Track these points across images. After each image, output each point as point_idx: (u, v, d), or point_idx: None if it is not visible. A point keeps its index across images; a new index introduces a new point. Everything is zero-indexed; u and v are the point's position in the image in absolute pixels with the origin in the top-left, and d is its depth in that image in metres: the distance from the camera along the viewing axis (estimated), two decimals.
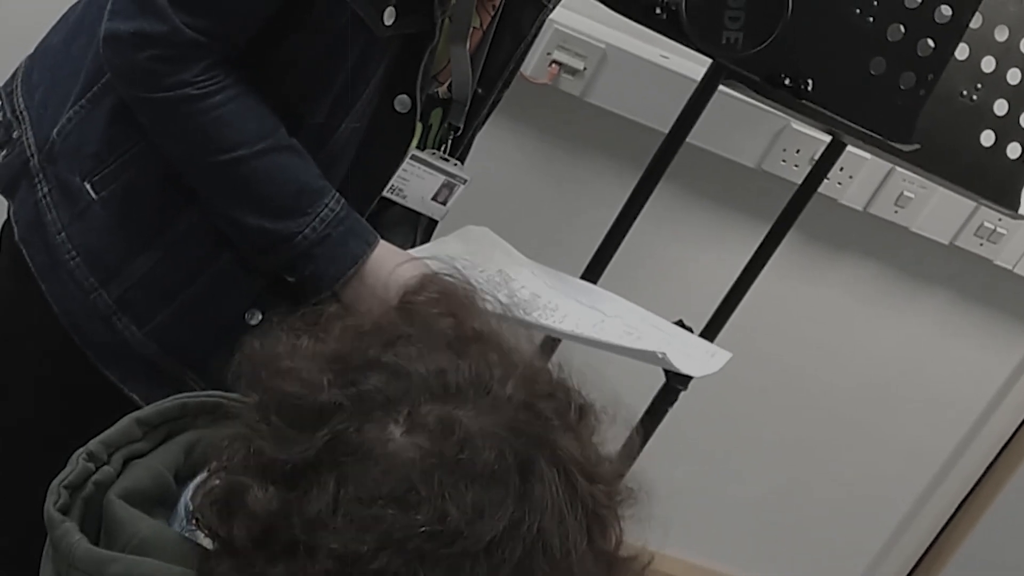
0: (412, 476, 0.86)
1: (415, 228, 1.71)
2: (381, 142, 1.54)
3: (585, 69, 2.35)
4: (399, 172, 1.57)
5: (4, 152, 1.59)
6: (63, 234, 1.52)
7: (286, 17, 1.42)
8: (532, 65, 2.32)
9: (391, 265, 1.48)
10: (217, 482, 0.91)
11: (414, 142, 1.57)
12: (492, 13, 1.57)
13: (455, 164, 1.64)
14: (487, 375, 0.92)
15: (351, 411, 0.89)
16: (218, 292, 1.54)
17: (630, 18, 1.76)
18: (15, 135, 1.58)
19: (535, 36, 1.67)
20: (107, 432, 1.03)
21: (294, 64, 1.45)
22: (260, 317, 1.54)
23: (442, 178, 1.63)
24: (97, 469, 1.00)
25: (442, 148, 1.63)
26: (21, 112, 1.58)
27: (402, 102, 1.50)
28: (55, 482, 0.99)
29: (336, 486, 0.86)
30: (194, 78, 1.40)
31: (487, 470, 0.87)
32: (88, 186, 1.51)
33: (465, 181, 1.65)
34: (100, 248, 1.52)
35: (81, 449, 1.01)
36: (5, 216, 1.60)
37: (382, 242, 1.53)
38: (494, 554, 0.86)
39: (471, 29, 1.53)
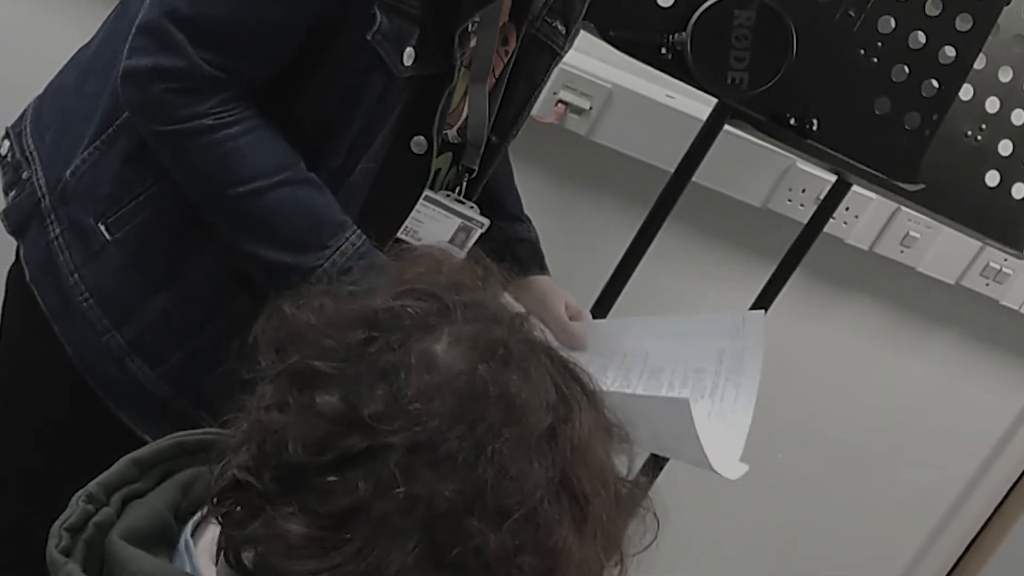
0: (465, 366, 0.89)
1: None
2: (396, 183, 1.53)
3: (591, 109, 2.36)
4: (413, 214, 1.57)
5: (14, 192, 1.58)
6: (76, 275, 1.51)
7: (306, 57, 1.42)
8: (539, 105, 2.32)
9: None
10: (248, 437, 0.93)
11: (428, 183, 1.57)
12: (505, 60, 1.58)
13: (471, 207, 1.64)
14: (519, 320, 0.96)
15: (398, 330, 0.92)
16: (232, 333, 1.52)
17: (636, 58, 1.77)
18: (25, 175, 1.57)
19: (546, 83, 1.67)
20: (105, 474, 1.04)
21: (313, 105, 1.45)
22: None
23: (458, 221, 1.62)
24: (97, 511, 1.00)
25: (456, 191, 1.63)
26: (31, 153, 1.58)
27: (418, 143, 1.50)
28: (56, 524, 0.99)
29: (395, 384, 0.88)
30: (210, 109, 1.40)
31: (534, 373, 0.91)
32: (102, 227, 1.50)
33: (483, 225, 1.65)
34: (114, 290, 1.51)
35: (80, 491, 1.01)
36: (13, 258, 1.60)
37: None
38: (557, 440, 0.89)
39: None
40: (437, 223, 1.60)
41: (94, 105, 1.52)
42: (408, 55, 1.42)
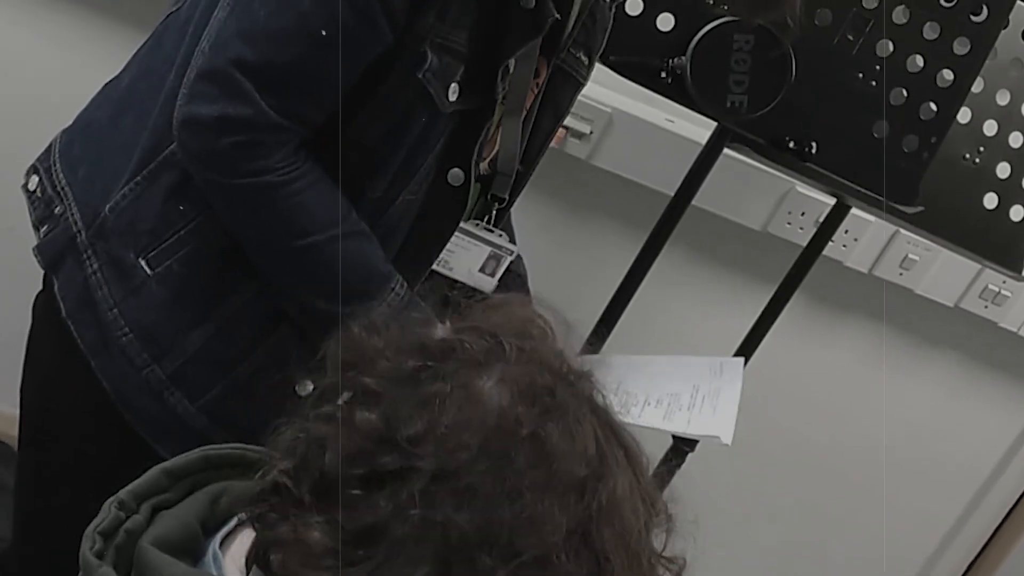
0: (507, 404, 0.91)
1: (444, 304, 1.71)
2: (435, 214, 1.54)
3: (592, 133, 2.37)
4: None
5: (46, 228, 1.57)
6: (115, 310, 1.50)
7: (356, 94, 1.42)
8: None
9: None
10: (294, 445, 0.95)
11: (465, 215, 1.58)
12: (536, 92, 1.59)
13: (500, 235, 1.66)
14: (566, 368, 0.98)
15: (448, 365, 0.94)
16: (272, 365, 1.53)
17: (636, 82, 1.78)
18: (57, 211, 1.56)
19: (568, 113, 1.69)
20: (136, 482, 1.06)
21: (360, 138, 1.45)
22: (311, 388, 1.54)
23: (488, 250, 1.64)
24: (127, 518, 1.02)
25: (485, 220, 1.64)
26: (63, 188, 1.57)
27: (455, 175, 1.51)
28: (90, 528, 1.01)
29: (436, 410, 0.90)
30: (275, 165, 1.40)
31: (573, 416, 0.92)
32: (143, 262, 1.49)
33: (512, 252, 1.67)
34: (154, 324, 1.51)
35: (112, 498, 1.04)
36: (41, 288, 1.59)
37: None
38: (584, 494, 0.90)
39: None
40: (468, 252, 1.63)
41: (132, 140, 1.51)
42: (453, 91, 1.43)
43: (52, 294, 1.56)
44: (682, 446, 2.10)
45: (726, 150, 1.89)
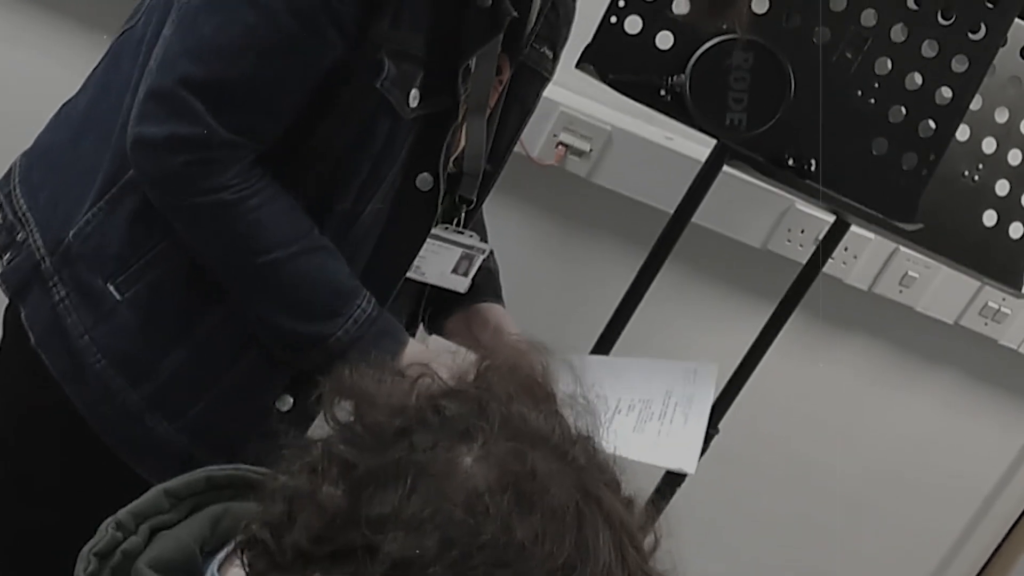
0: (481, 490, 0.87)
1: (417, 300, 1.70)
2: (404, 221, 1.53)
3: (591, 151, 2.37)
4: None
5: (9, 255, 1.55)
6: (87, 337, 1.49)
7: (314, 106, 1.41)
8: (539, 147, 2.35)
9: (423, 362, 1.49)
10: (276, 504, 0.93)
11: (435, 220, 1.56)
12: (500, 90, 1.58)
13: (471, 235, 1.64)
14: (558, 431, 0.94)
15: (431, 431, 0.91)
16: (249, 383, 1.52)
17: (635, 100, 1.78)
18: (20, 238, 1.54)
19: (535, 108, 1.68)
20: (135, 503, 1.05)
21: (323, 152, 1.44)
22: (291, 403, 1.54)
23: (459, 251, 1.63)
24: (125, 539, 1.01)
25: (455, 222, 1.63)
26: (24, 214, 1.55)
27: (424, 180, 1.50)
28: (85, 549, 1.00)
29: (405, 490, 0.87)
30: (229, 182, 1.39)
31: (551, 505, 0.88)
32: (112, 288, 1.48)
33: (484, 251, 1.66)
34: (127, 349, 1.49)
35: (110, 519, 1.02)
36: (7, 306, 1.57)
37: (411, 339, 1.53)
38: None
39: None
40: (439, 256, 1.61)
41: (93, 163, 1.50)
42: (414, 96, 1.42)
43: (19, 323, 1.53)
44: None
45: (725, 167, 1.89)
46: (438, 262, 1.62)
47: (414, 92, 1.42)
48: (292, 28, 1.35)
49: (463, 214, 1.63)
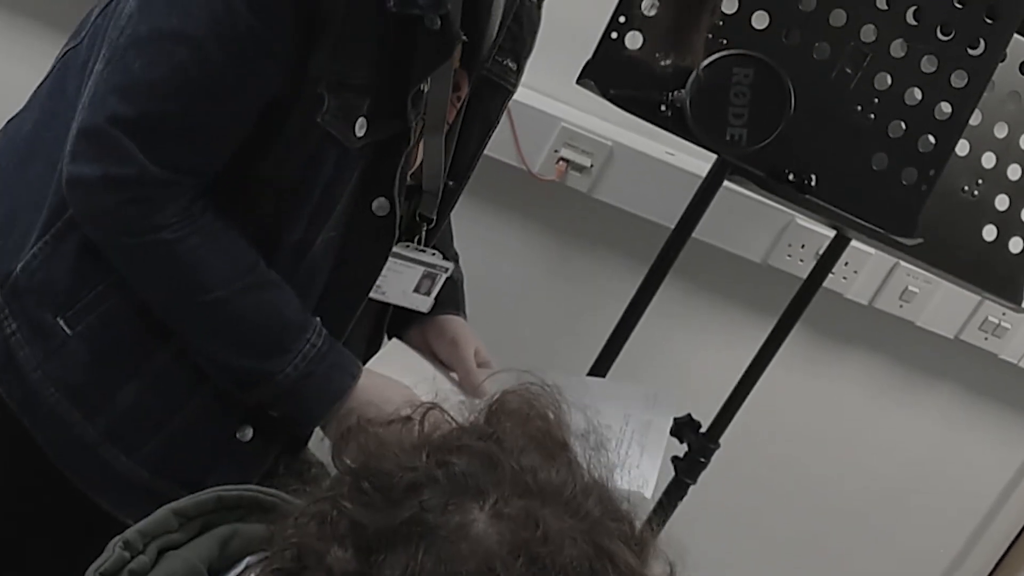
0: (492, 557, 0.86)
1: (378, 319, 1.68)
2: (361, 246, 1.50)
3: (592, 166, 2.37)
4: None
5: None
6: (40, 371, 1.46)
7: (256, 141, 1.38)
8: (540, 162, 2.35)
9: (378, 396, 1.47)
10: (286, 552, 0.91)
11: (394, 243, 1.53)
12: (458, 106, 1.55)
13: (433, 253, 1.62)
14: (572, 483, 0.93)
15: (441, 489, 0.89)
16: (207, 415, 1.50)
17: (636, 116, 1.78)
18: None
19: (500, 120, 1.66)
20: (144, 521, 1.04)
21: (268, 185, 1.41)
22: (251, 433, 1.52)
23: (421, 270, 1.60)
24: (132, 558, 1.00)
25: (416, 240, 1.60)
26: None
27: (380, 205, 1.47)
28: (91, 569, 0.99)
29: (415, 554, 0.86)
30: (167, 221, 1.36)
31: (564, 565, 0.87)
32: (62, 322, 1.45)
33: (447, 270, 1.63)
34: (81, 383, 1.47)
35: (117, 537, 1.01)
36: None
37: (366, 370, 1.50)
38: None
39: None
40: (400, 275, 1.59)
41: (40, 194, 1.46)
42: (360, 125, 1.39)
43: None
44: (684, 478, 2.11)
45: (726, 183, 1.89)
46: (399, 281, 1.59)
47: (360, 121, 1.39)
48: (223, 64, 1.32)
49: (423, 232, 1.61)
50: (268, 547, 0.95)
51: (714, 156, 1.87)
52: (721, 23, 1.73)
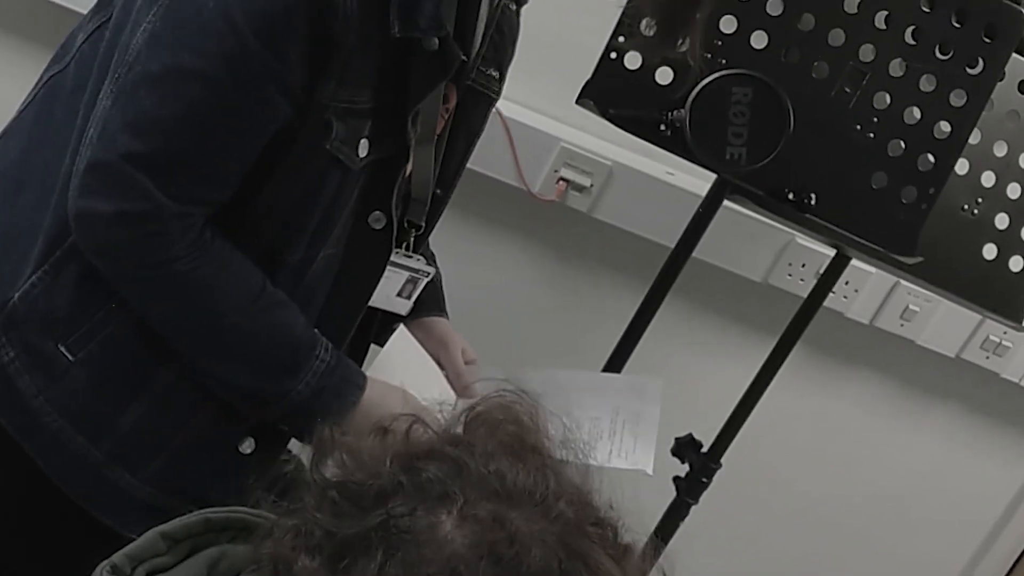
0: (456, 559, 0.85)
1: (363, 324, 1.67)
2: (359, 261, 1.52)
3: (592, 186, 2.38)
4: None
5: None
6: (40, 398, 1.46)
7: (260, 167, 1.39)
8: (540, 182, 2.36)
9: (383, 403, 1.48)
10: (265, 567, 0.92)
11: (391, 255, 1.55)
12: (446, 117, 1.57)
13: (418, 259, 1.64)
14: (543, 486, 0.92)
15: (408, 495, 0.89)
16: (210, 433, 1.51)
17: (636, 135, 1.79)
18: None
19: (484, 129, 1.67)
20: (132, 545, 1.03)
21: (271, 208, 1.42)
22: (254, 446, 1.53)
23: (406, 275, 1.62)
24: None
25: (404, 246, 1.62)
26: None
27: (377, 219, 1.49)
28: None
29: (382, 561, 0.85)
30: (182, 252, 1.37)
31: (531, 567, 0.87)
32: (63, 349, 1.45)
33: (429, 275, 1.65)
34: (84, 409, 1.46)
35: (105, 561, 1.01)
36: None
37: (371, 380, 1.52)
38: None
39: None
40: (387, 280, 1.60)
41: (34, 223, 1.46)
42: (363, 146, 1.41)
43: None
44: (686, 498, 2.11)
45: (726, 202, 1.89)
46: (385, 286, 1.60)
47: (363, 142, 1.40)
48: (237, 99, 1.33)
49: (412, 239, 1.62)
50: (255, 567, 0.95)
51: (714, 175, 1.87)
52: (720, 43, 1.74)
